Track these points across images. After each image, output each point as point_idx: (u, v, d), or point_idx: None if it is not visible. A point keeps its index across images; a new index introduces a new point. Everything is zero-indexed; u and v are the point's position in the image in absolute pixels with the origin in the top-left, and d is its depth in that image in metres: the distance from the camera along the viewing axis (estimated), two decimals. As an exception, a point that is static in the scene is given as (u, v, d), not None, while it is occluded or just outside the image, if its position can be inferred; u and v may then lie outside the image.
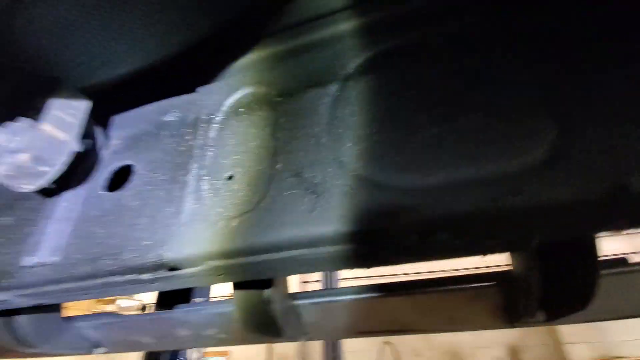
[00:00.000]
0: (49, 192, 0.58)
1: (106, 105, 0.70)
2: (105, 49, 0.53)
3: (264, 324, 0.87)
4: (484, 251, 0.40)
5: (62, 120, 0.51)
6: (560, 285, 0.62)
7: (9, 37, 0.53)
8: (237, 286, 0.79)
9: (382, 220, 0.40)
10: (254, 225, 0.44)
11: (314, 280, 7.54)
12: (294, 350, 11.10)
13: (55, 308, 1.00)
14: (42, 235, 0.56)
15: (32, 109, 0.52)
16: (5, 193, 0.67)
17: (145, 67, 0.59)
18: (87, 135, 0.58)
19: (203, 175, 0.53)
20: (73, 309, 1.20)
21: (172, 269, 0.48)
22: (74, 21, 0.47)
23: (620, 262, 0.56)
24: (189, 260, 0.47)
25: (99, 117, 0.66)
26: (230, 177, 0.51)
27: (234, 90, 0.60)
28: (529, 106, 0.39)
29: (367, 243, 0.40)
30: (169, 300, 2.10)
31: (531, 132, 0.38)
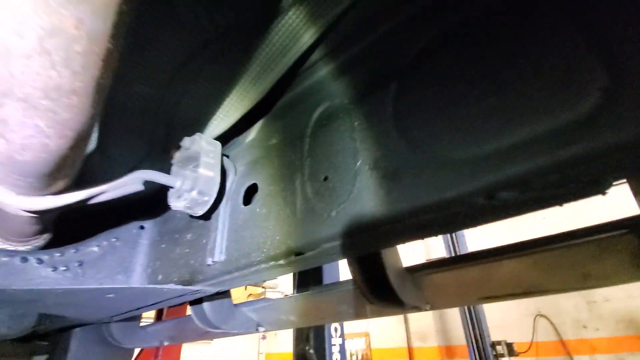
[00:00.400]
0: (208, 213, 0.83)
1: (226, 142, 0.94)
2: (227, 107, 0.74)
3: (382, 296, 0.99)
4: (557, 201, 0.43)
5: (209, 163, 0.73)
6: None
7: (169, 110, 0.79)
8: (351, 264, 0.94)
9: (450, 190, 0.47)
10: (349, 213, 0.57)
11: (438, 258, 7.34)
12: (432, 328, 10.98)
13: (227, 295, 1.33)
14: (212, 242, 0.81)
15: (190, 157, 0.76)
16: (184, 219, 0.97)
17: (250, 109, 0.78)
18: (222, 168, 0.81)
19: (306, 180, 0.68)
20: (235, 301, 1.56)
21: (298, 254, 0.65)
22: (207, 94, 0.69)
23: None
24: (308, 246, 0.63)
25: (224, 153, 0.90)
26: (325, 178, 0.65)
27: (315, 107, 0.74)
28: (576, 56, 0.41)
29: (441, 211, 0.48)
30: (305, 284, 2.45)
31: (581, 82, 0.40)
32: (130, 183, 0.64)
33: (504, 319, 9.65)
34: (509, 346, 6.67)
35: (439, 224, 0.50)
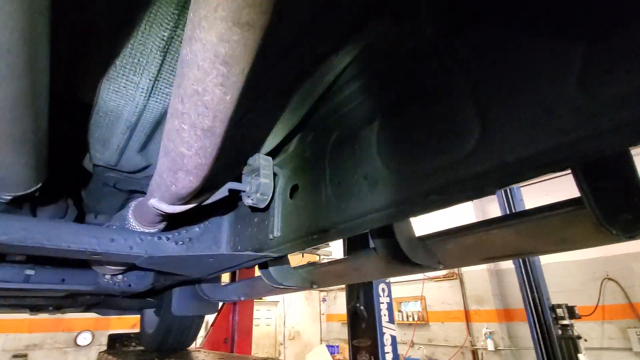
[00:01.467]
0: (267, 206, 1.24)
1: (276, 152, 1.34)
2: (275, 131, 1.13)
3: (397, 259, 1.32)
4: (464, 199, 0.75)
5: (266, 174, 1.13)
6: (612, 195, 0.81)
7: (237, 139, 1.20)
8: (375, 237, 1.28)
9: (404, 193, 0.80)
10: (352, 206, 0.93)
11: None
12: (489, 292, 10.93)
13: (286, 261, 1.77)
14: (271, 224, 1.23)
15: (253, 170, 1.17)
16: (251, 210, 1.40)
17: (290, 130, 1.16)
18: (274, 175, 1.21)
19: (327, 184, 1.05)
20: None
21: (325, 231, 1.03)
22: (261, 126, 1.08)
23: None
24: (330, 226, 1.01)
25: (275, 162, 1.29)
26: (339, 183, 1.01)
27: (332, 132, 1.09)
28: (466, 119, 0.70)
29: (399, 206, 0.82)
30: (351, 251, 2.88)
31: (466, 134, 0.70)
32: (222, 191, 1.07)
33: (569, 283, 9.34)
34: (570, 309, 6.56)
35: (398, 214, 0.84)
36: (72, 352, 9.62)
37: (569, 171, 0.74)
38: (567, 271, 9.25)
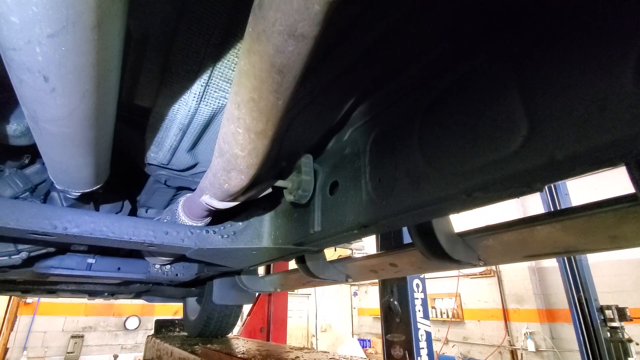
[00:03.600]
0: (308, 202, 1.29)
1: (317, 149, 1.38)
2: (314, 130, 1.17)
3: (436, 255, 1.32)
4: (508, 197, 0.74)
5: (307, 171, 1.18)
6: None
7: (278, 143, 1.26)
8: (410, 231, 1.30)
9: (447, 190, 0.81)
10: (392, 203, 0.95)
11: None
12: (530, 291, 10.45)
13: (322, 255, 1.82)
14: (312, 219, 1.27)
15: (295, 167, 1.22)
16: (292, 206, 1.46)
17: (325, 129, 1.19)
18: (314, 172, 1.25)
19: (367, 181, 1.07)
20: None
21: (365, 226, 1.06)
22: (301, 131, 1.12)
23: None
24: (370, 222, 1.03)
25: (316, 159, 1.34)
26: (379, 180, 1.03)
27: (371, 130, 1.10)
28: (515, 117, 0.70)
29: (441, 203, 0.83)
30: (385, 246, 2.90)
31: (513, 132, 0.69)
32: (267, 188, 1.13)
33: (620, 283, 8.75)
34: (620, 311, 6.14)
35: (441, 210, 0.85)
36: (122, 335, 10.40)
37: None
38: (618, 270, 8.65)
